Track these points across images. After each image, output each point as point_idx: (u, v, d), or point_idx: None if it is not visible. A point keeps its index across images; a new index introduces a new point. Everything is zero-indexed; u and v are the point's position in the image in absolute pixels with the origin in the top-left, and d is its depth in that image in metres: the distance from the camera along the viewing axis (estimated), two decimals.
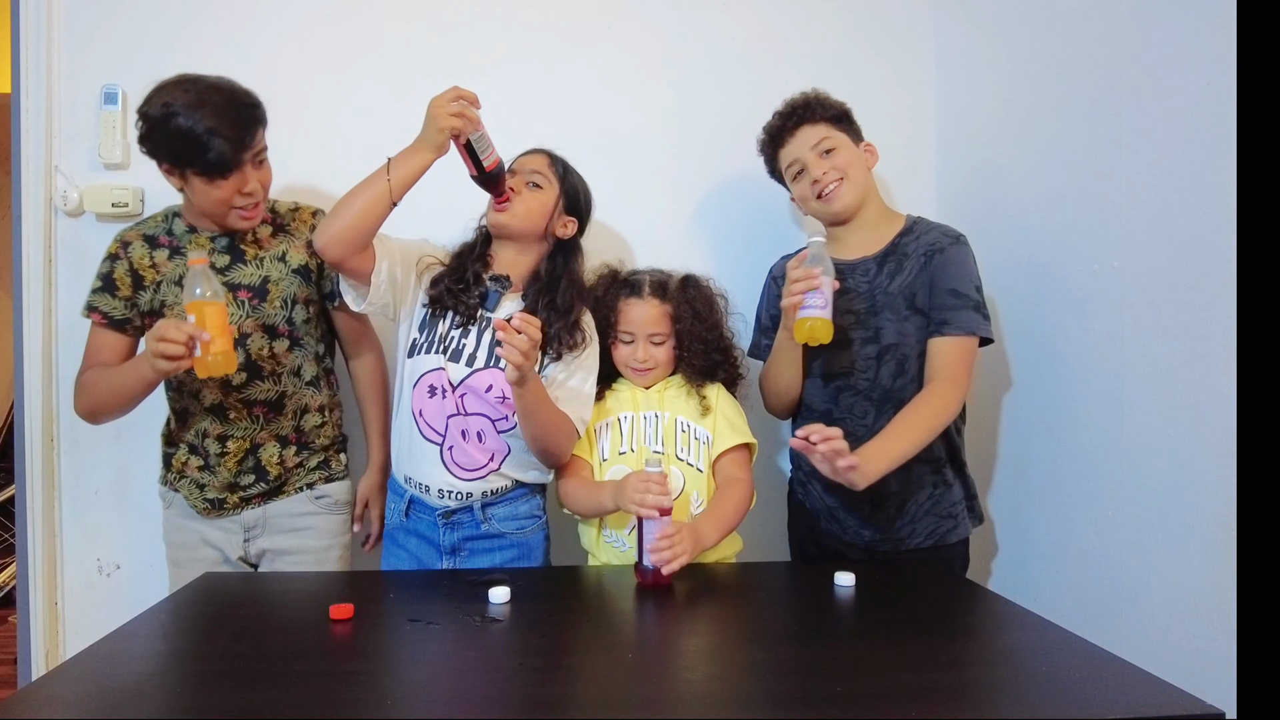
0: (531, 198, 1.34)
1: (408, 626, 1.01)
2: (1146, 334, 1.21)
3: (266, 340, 1.35)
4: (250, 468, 1.38)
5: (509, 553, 1.34)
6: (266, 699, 0.82)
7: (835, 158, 1.37)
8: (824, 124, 1.39)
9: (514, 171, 1.36)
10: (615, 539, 1.34)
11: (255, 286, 1.35)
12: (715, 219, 1.78)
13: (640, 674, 0.89)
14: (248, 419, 1.36)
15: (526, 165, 1.37)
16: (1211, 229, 1.08)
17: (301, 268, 1.39)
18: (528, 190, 1.34)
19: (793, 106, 1.42)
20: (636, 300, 1.38)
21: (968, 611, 1.11)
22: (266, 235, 1.39)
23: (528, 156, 1.39)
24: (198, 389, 1.34)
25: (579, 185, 1.40)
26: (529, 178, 1.35)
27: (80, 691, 0.84)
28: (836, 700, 0.80)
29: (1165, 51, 1.17)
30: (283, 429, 1.39)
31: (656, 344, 1.36)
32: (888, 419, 1.29)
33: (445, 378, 1.30)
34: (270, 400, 1.37)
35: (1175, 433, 1.16)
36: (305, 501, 1.42)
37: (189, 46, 1.64)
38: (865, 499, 1.36)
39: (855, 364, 1.36)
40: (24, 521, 1.63)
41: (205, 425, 1.36)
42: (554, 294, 1.33)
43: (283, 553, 1.40)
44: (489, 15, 1.74)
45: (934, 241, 1.35)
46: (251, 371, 1.34)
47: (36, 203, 1.62)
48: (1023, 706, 0.79)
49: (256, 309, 1.35)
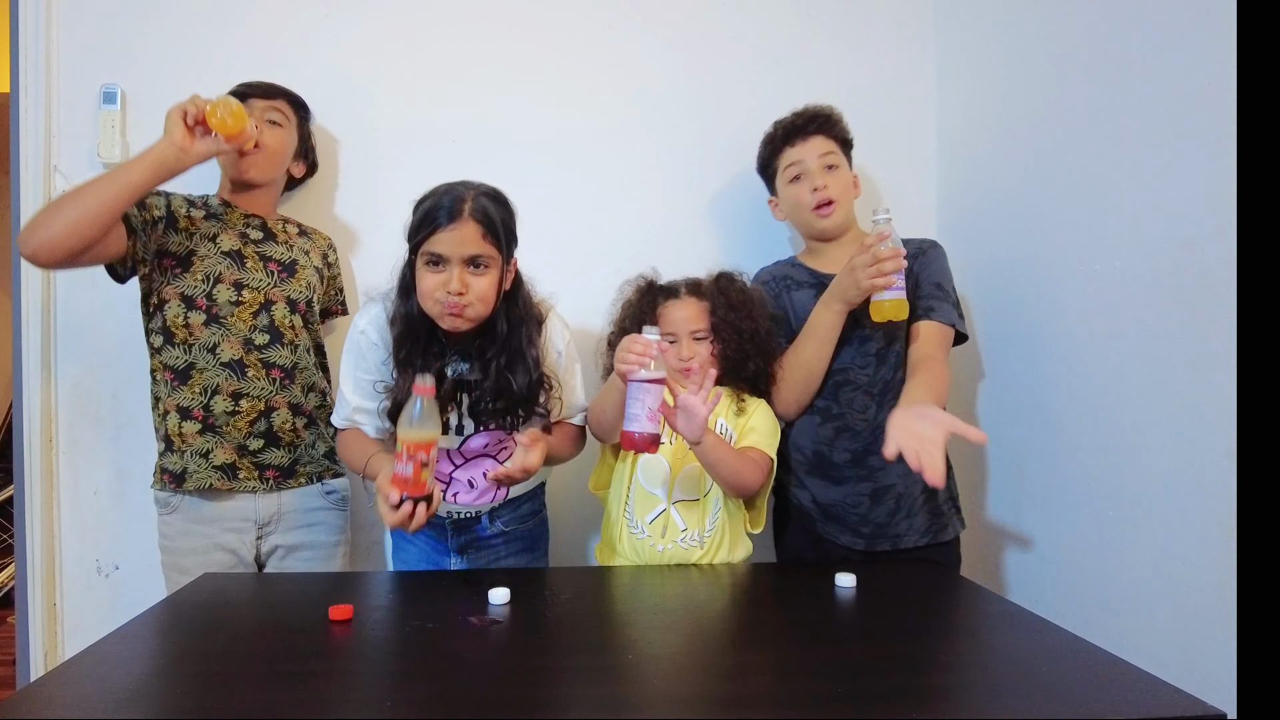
0: (483, 284, 1.17)
1: (407, 627, 1.01)
2: (1146, 334, 1.21)
3: (289, 312, 1.43)
4: (262, 431, 1.39)
5: (515, 545, 1.36)
6: (266, 700, 0.82)
7: (835, 176, 1.44)
8: (835, 142, 1.45)
9: (445, 256, 1.15)
10: (634, 523, 1.34)
11: (285, 263, 1.45)
12: (715, 218, 1.78)
13: (640, 674, 0.89)
14: (265, 379, 1.39)
15: (461, 250, 1.14)
16: (1211, 229, 1.08)
17: (318, 268, 1.52)
18: (473, 276, 1.16)
19: (814, 113, 1.46)
20: (675, 302, 1.39)
21: (968, 613, 1.11)
22: (294, 234, 1.52)
23: (456, 230, 1.14)
24: (215, 343, 1.36)
25: (510, 226, 1.21)
26: (471, 260, 1.16)
27: (79, 692, 0.83)
28: (837, 701, 0.80)
29: (1165, 51, 1.17)
30: (295, 397, 1.42)
31: (698, 339, 1.36)
32: (888, 412, 1.30)
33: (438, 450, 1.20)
34: (286, 367, 1.41)
35: (1175, 433, 1.16)
36: (317, 496, 1.45)
37: (188, 46, 1.65)
38: (866, 494, 1.37)
39: (855, 360, 1.38)
40: (23, 522, 1.63)
41: (218, 381, 1.36)
42: (511, 355, 1.23)
43: (294, 548, 1.42)
44: (489, 14, 1.74)
45: (914, 248, 1.42)
46: (274, 336, 1.41)
47: (36, 202, 1.61)
48: (1023, 708, 0.78)
49: (284, 281, 1.44)
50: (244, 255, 1.41)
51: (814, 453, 1.42)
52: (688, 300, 1.38)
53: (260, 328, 1.39)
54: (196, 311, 1.36)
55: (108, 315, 1.62)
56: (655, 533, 1.32)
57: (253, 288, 1.39)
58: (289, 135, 1.49)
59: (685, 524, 1.32)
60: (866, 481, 1.39)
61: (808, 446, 1.43)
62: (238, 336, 1.37)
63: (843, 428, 1.39)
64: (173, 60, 1.63)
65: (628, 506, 1.35)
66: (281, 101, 1.48)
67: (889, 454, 1.08)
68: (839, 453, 1.40)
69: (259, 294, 1.39)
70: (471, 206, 1.15)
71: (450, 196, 1.15)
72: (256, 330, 1.38)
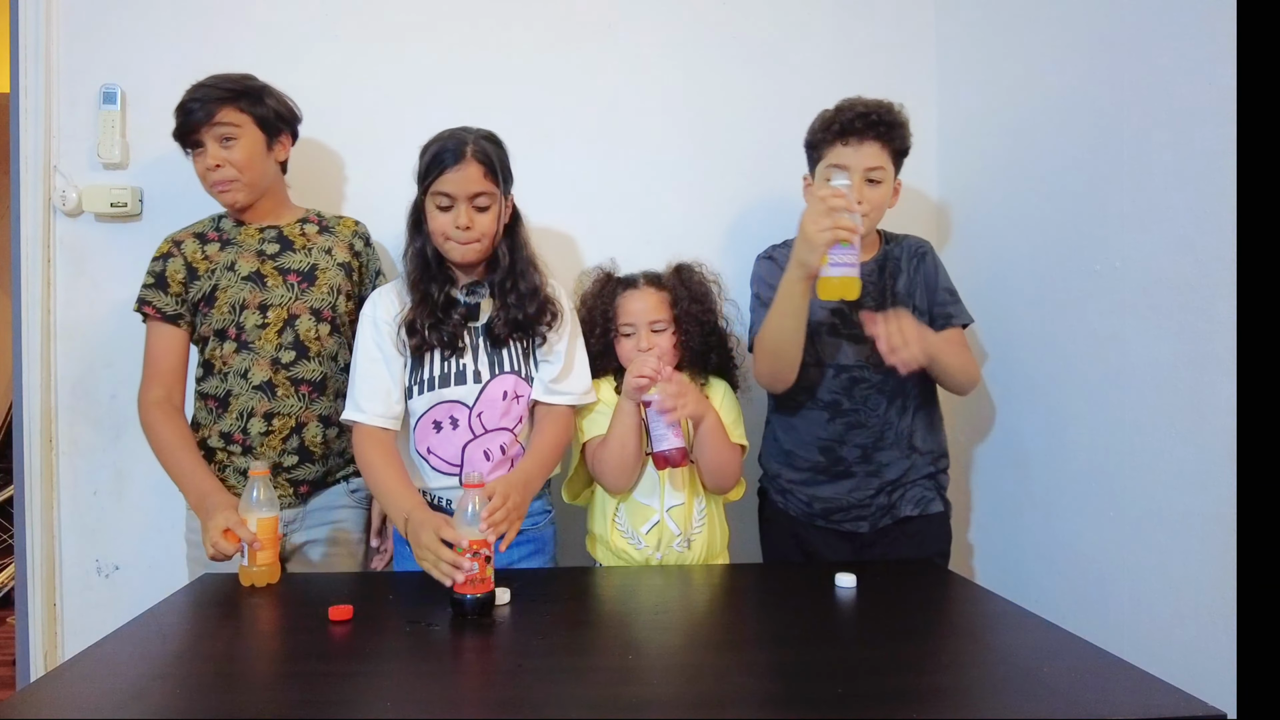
0: (486, 221, 1.28)
1: (407, 628, 1.01)
2: (1146, 334, 1.21)
3: (314, 322, 1.41)
4: (294, 448, 1.39)
5: (525, 548, 1.35)
6: (266, 700, 0.82)
7: (875, 191, 1.35)
8: (888, 152, 1.35)
9: (450, 195, 1.25)
10: (630, 534, 1.34)
11: (304, 272, 1.42)
12: (715, 218, 1.78)
13: (640, 675, 0.89)
14: (294, 396, 1.39)
15: (465, 188, 1.25)
16: (1212, 229, 1.08)
17: (344, 263, 1.46)
18: (477, 215, 1.27)
19: (875, 116, 1.34)
20: (634, 292, 1.40)
21: (967, 613, 1.11)
22: (314, 233, 1.47)
23: (461, 171, 1.24)
24: (246, 368, 1.37)
25: (506, 164, 1.30)
26: (475, 201, 1.26)
27: (79, 692, 0.84)
28: (837, 701, 0.80)
29: (1165, 51, 1.17)
30: (325, 409, 1.42)
31: (657, 331, 1.37)
32: (898, 409, 1.33)
33: (457, 406, 1.30)
34: (315, 381, 1.41)
35: (1175, 433, 1.16)
36: (342, 494, 1.45)
37: (188, 46, 1.65)
38: (872, 489, 1.38)
39: (870, 357, 1.38)
40: (23, 522, 1.63)
41: (252, 405, 1.38)
42: (515, 278, 1.33)
43: (318, 544, 1.41)
44: (489, 14, 1.74)
45: (915, 247, 1.45)
46: (299, 351, 1.40)
47: (35, 202, 1.62)
48: (1023, 708, 0.79)
49: (305, 292, 1.41)
50: (263, 274, 1.40)
51: (821, 449, 1.41)
52: (646, 291, 1.39)
53: (285, 345, 1.39)
54: (229, 341, 1.38)
55: (108, 315, 1.62)
56: (652, 543, 1.33)
57: (276, 305, 1.39)
58: (249, 141, 1.38)
59: (679, 528, 1.33)
60: (874, 477, 1.40)
61: (812, 447, 1.42)
62: (265, 357, 1.38)
63: (855, 424, 1.40)
64: (173, 60, 1.63)
65: (618, 518, 1.35)
66: (226, 111, 1.35)
67: (870, 327, 1.20)
68: (849, 448, 1.40)
69: (283, 310, 1.39)
70: (473, 149, 1.25)
71: (454, 141, 1.26)
72: (282, 349, 1.38)
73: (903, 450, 1.40)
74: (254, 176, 1.39)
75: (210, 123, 1.34)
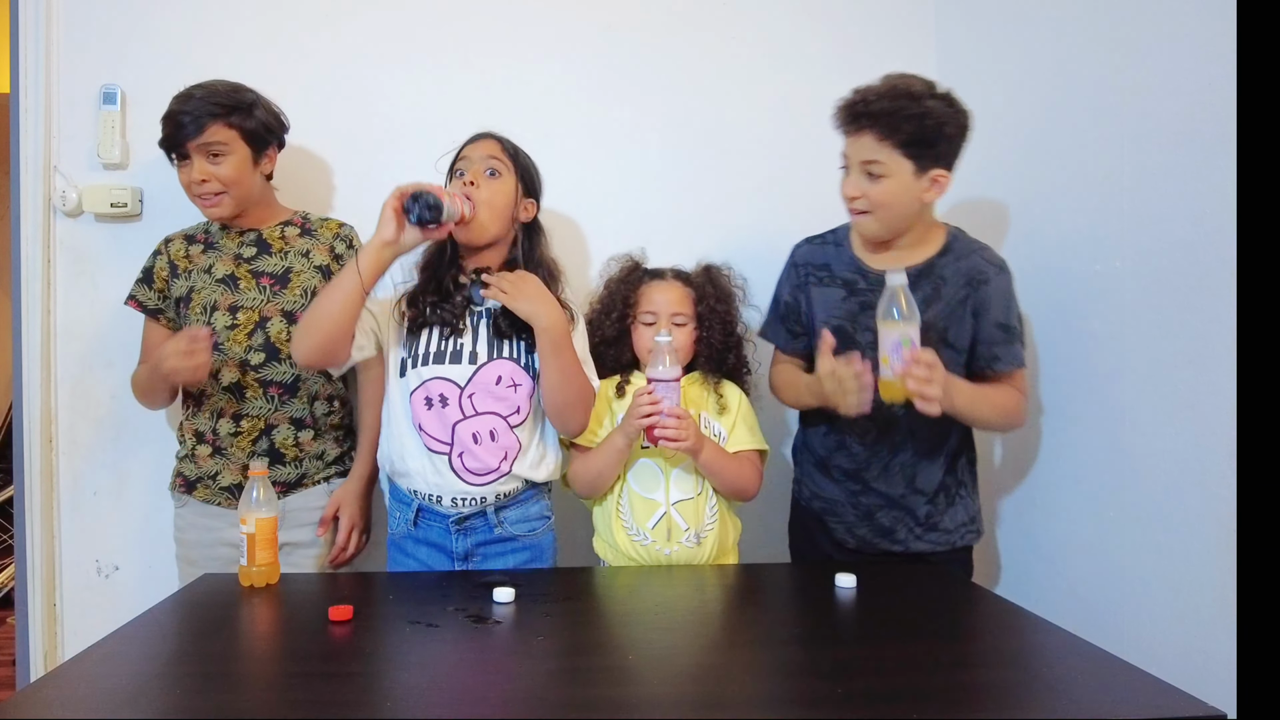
0: (493, 189, 1.29)
1: (408, 628, 1.01)
2: (1146, 334, 1.21)
3: (285, 324, 1.41)
4: (264, 450, 1.40)
5: (522, 555, 1.33)
6: (266, 700, 0.82)
7: (876, 186, 1.22)
8: (889, 144, 1.20)
9: (466, 158, 1.31)
10: (635, 530, 1.34)
11: (277, 274, 1.43)
12: (715, 217, 1.78)
13: (641, 675, 0.89)
14: (263, 398, 1.41)
15: (479, 152, 1.31)
16: (1212, 229, 1.08)
17: (323, 266, 1.46)
18: (486, 179, 1.29)
19: (871, 106, 1.21)
20: (660, 283, 1.40)
21: (969, 613, 1.11)
22: (294, 235, 1.48)
23: (478, 143, 1.33)
24: (216, 369, 1.38)
25: (531, 165, 1.36)
26: (486, 165, 1.30)
27: (79, 693, 0.83)
28: (838, 702, 0.80)
29: (1165, 51, 1.17)
30: (296, 411, 1.43)
31: (678, 325, 1.37)
32: (887, 442, 1.32)
33: (448, 384, 1.29)
34: (285, 383, 1.42)
35: (1175, 433, 1.16)
36: (323, 495, 1.45)
37: (188, 46, 1.64)
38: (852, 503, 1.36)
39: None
40: (23, 523, 1.62)
41: (221, 404, 1.40)
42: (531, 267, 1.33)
43: (300, 546, 1.41)
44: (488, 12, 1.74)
45: (976, 270, 1.27)
46: (270, 353, 1.41)
47: (35, 202, 1.61)
48: (1024, 708, 0.79)
49: (277, 294, 1.42)
50: (237, 277, 1.42)
51: (836, 442, 1.39)
52: (673, 283, 1.40)
53: (255, 347, 1.40)
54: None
55: (108, 315, 1.62)
56: (660, 538, 1.31)
57: (247, 307, 1.40)
58: (237, 158, 1.37)
59: (687, 523, 1.32)
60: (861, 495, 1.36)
61: (817, 447, 1.42)
62: (234, 359, 1.39)
63: (840, 445, 1.37)
64: (173, 60, 1.62)
65: (622, 512, 1.34)
66: (216, 128, 1.34)
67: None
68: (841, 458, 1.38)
69: (254, 313, 1.40)
70: (494, 133, 1.34)
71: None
72: (252, 350, 1.40)
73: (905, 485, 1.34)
74: (240, 192, 1.40)
75: (199, 138, 1.34)
